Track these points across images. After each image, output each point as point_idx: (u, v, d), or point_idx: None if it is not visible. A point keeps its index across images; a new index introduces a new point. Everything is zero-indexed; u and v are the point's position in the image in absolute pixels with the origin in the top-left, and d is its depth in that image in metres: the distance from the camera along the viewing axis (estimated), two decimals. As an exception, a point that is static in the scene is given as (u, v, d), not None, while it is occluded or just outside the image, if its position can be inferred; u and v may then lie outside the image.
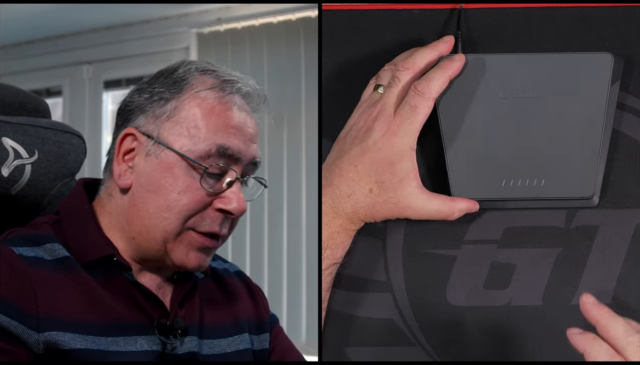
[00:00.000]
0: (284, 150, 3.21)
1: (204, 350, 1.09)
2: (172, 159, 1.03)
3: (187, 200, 1.03)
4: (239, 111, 1.06)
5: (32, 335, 0.95)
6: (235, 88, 1.06)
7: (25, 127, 1.17)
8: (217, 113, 1.04)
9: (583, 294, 0.96)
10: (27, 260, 0.99)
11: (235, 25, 3.36)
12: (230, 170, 1.05)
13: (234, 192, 1.05)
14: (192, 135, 1.03)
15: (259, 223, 3.26)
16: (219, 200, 1.04)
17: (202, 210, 1.04)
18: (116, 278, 1.04)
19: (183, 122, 1.04)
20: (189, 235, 1.04)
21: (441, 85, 1.07)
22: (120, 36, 3.73)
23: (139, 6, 3.38)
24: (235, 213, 1.05)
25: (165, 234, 1.03)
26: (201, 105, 1.04)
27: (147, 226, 1.04)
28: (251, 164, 1.08)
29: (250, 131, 1.07)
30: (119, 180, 1.05)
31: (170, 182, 1.03)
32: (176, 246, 1.04)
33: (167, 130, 1.04)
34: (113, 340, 1.00)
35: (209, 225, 1.04)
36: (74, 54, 3.93)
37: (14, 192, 1.15)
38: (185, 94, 1.05)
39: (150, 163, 1.04)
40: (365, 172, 1.06)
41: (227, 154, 1.04)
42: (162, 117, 1.05)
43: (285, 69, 3.22)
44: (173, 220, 1.03)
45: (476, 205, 1.09)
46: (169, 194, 1.03)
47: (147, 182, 1.04)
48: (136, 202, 1.04)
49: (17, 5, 3.37)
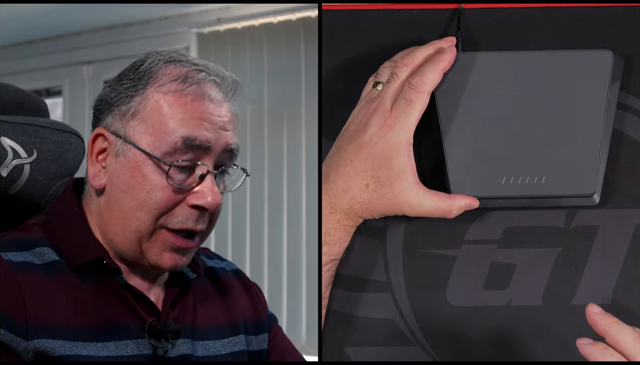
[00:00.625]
0: (284, 150, 3.21)
1: (197, 352, 1.08)
2: (139, 157, 1.01)
3: (157, 198, 1.00)
4: (204, 100, 1.02)
5: (20, 343, 0.95)
6: (199, 77, 1.03)
7: (24, 127, 1.17)
8: (181, 104, 1.01)
9: (589, 305, 0.96)
10: (16, 265, 0.99)
11: (235, 25, 3.36)
12: (201, 165, 1.02)
13: (206, 186, 1.02)
14: (157, 131, 1.01)
15: (259, 222, 3.26)
16: (191, 196, 1.02)
17: (174, 208, 1.02)
18: (107, 281, 1.03)
19: (148, 119, 1.02)
20: (161, 234, 1.02)
21: (435, 78, 1.07)
22: (120, 36, 3.72)
23: (139, 6, 3.38)
24: (209, 208, 1.02)
25: (139, 234, 1.02)
26: (164, 99, 1.02)
27: (122, 227, 1.02)
28: (226, 152, 1.04)
29: (221, 119, 1.03)
30: (93, 181, 1.04)
31: (140, 180, 1.01)
32: (150, 246, 1.02)
33: (132, 128, 1.02)
34: (103, 345, 0.99)
35: (181, 222, 1.02)
36: (74, 54, 3.93)
37: (13, 191, 1.14)
38: (149, 88, 1.03)
39: (120, 163, 1.03)
40: (361, 167, 1.06)
41: (195, 145, 1.01)
42: (127, 115, 1.03)
43: (285, 69, 3.22)
44: (145, 220, 1.01)
45: (475, 201, 1.09)
46: (139, 193, 1.01)
47: (119, 182, 1.02)
48: (111, 202, 1.03)
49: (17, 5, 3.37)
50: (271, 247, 3.23)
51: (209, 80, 1.04)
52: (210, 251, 1.25)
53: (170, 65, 1.04)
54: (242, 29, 3.35)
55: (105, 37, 3.79)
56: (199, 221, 1.03)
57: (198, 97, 1.02)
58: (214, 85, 1.04)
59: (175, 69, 1.04)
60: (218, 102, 1.04)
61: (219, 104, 1.04)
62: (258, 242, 3.26)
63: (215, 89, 1.04)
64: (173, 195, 1.01)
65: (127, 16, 3.61)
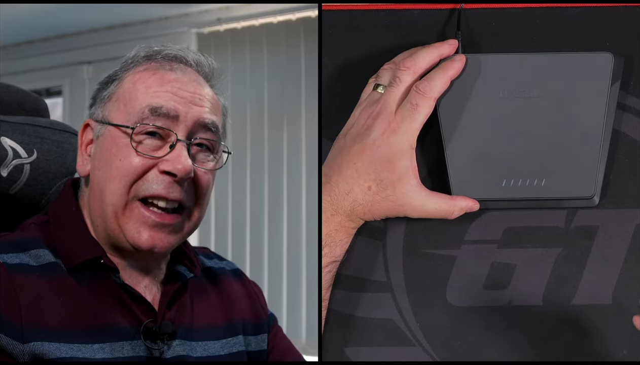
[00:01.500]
0: (284, 150, 3.21)
1: (195, 353, 1.08)
2: (114, 133, 1.04)
3: (127, 165, 1.02)
4: (174, 74, 1.06)
5: (16, 347, 0.95)
6: (170, 56, 1.08)
7: (24, 127, 1.17)
8: (150, 78, 1.05)
9: (636, 317, 0.96)
10: (12, 268, 0.99)
11: (235, 25, 3.36)
12: (171, 134, 1.03)
13: (176, 152, 1.02)
14: (128, 106, 1.04)
15: (259, 223, 3.26)
16: (161, 163, 1.02)
17: (145, 174, 1.02)
18: (103, 281, 1.03)
19: (121, 98, 1.05)
20: (135, 207, 1.02)
21: (442, 85, 1.08)
22: (120, 36, 3.72)
23: (139, 6, 3.38)
24: (178, 173, 1.02)
25: (113, 207, 1.02)
26: (136, 77, 1.06)
27: (101, 206, 1.03)
28: (200, 126, 1.05)
29: (192, 94, 1.05)
30: (80, 171, 1.07)
31: (114, 152, 1.03)
32: (126, 222, 1.02)
33: (108, 110, 1.06)
34: (100, 347, 0.99)
35: (153, 188, 1.02)
36: (74, 54, 3.93)
37: (13, 191, 1.14)
38: (126, 73, 1.07)
39: (99, 144, 1.06)
40: (364, 169, 1.06)
41: (162, 113, 1.03)
42: (105, 98, 1.07)
43: (285, 69, 3.22)
44: (117, 189, 1.02)
45: (476, 204, 1.09)
46: (112, 163, 1.03)
47: (98, 162, 1.05)
48: (92, 185, 1.05)
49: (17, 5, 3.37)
50: (271, 247, 3.23)
51: (181, 60, 1.08)
52: (210, 251, 1.25)
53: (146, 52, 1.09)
54: (242, 29, 3.35)
55: (105, 37, 3.79)
56: (172, 189, 1.03)
57: (168, 72, 1.06)
58: (186, 66, 1.08)
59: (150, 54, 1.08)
60: (192, 80, 1.07)
61: (193, 81, 1.07)
62: (258, 242, 3.26)
63: (187, 67, 1.08)
64: (144, 161, 1.02)
65: (127, 16, 3.61)
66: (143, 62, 1.07)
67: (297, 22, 3.21)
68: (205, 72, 1.10)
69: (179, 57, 1.08)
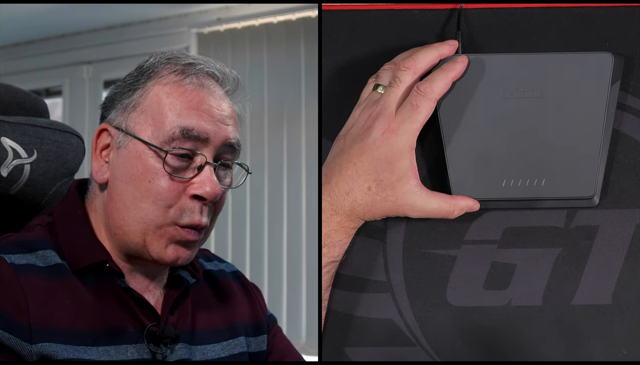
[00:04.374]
0: (284, 150, 3.21)
1: (196, 357, 1.08)
2: (139, 147, 1.02)
3: (159, 188, 1.01)
4: (203, 92, 1.04)
5: (25, 347, 0.95)
6: (196, 69, 1.05)
7: (24, 127, 1.17)
8: (179, 95, 1.03)
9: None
10: (19, 268, 0.98)
11: (235, 25, 3.36)
12: (199, 156, 1.03)
13: (205, 176, 1.02)
14: (156, 121, 1.02)
15: (259, 223, 3.26)
16: (191, 187, 1.02)
17: (178, 200, 1.02)
18: (109, 284, 1.03)
19: (147, 110, 1.03)
20: (172, 229, 1.02)
21: (444, 86, 1.08)
22: (120, 36, 3.73)
23: (139, 6, 3.38)
24: (208, 197, 1.02)
25: (144, 225, 1.02)
26: (164, 90, 1.03)
27: (124, 219, 1.03)
28: (226, 146, 1.05)
29: (220, 112, 1.04)
30: (96, 176, 1.05)
31: (141, 170, 1.02)
32: (155, 239, 1.02)
33: (133, 120, 1.04)
34: (104, 350, 0.99)
35: (189, 217, 1.02)
36: (74, 54, 3.93)
37: (13, 192, 1.14)
38: (150, 82, 1.04)
39: (121, 155, 1.04)
40: (364, 170, 1.06)
41: (193, 136, 1.02)
42: (129, 107, 1.04)
43: (285, 69, 3.22)
44: (151, 210, 1.01)
45: (476, 204, 1.09)
46: (141, 183, 1.02)
47: (121, 174, 1.03)
48: (113, 195, 1.04)
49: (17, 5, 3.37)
50: (271, 247, 3.23)
51: (208, 73, 1.06)
52: (210, 252, 1.25)
53: (171, 61, 1.06)
54: (242, 29, 3.35)
55: (105, 37, 3.79)
56: (204, 214, 1.03)
57: (197, 88, 1.04)
58: (213, 79, 1.06)
59: (175, 64, 1.05)
60: (217, 96, 1.05)
61: (218, 97, 1.05)
62: (258, 243, 3.26)
63: (215, 83, 1.06)
64: (173, 185, 1.02)
65: (127, 16, 3.61)
66: (168, 74, 1.04)
67: (297, 22, 3.21)
68: (228, 86, 1.08)
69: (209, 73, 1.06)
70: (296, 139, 3.19)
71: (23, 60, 4.05)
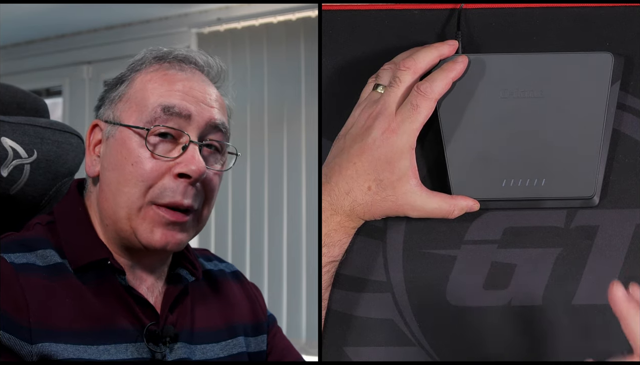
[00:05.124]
0: (284, 150, 3.21)
1: (196, 356, 1.08)
2: (125, 133, 1.04)
3: (141, 170, 1.02)
4: (186, 76, 1.07)
5: (24, 347, 0.95)
6: (179, 57, 1.08)
7: (24, 127, 1.17)
8: (161, 78, 1.06)
9: (614, 283, 0.96)
10: (19, 267, 0.99)
11: (235, 25, 3.36)
12: (184, 135, 1.03)
13: (189, 154, 1.03)
14: (140, 105, 1.04)
15: (259, 223, 3.26)
16: (175, 166, 1.03)
17: (161, 179, 1.02)
18: (109, 283, 1.03)
19: (132, 98, 1.05)
20: (150, 210, 1.02)
21: (444, 86, 1.08)
22: (120, 36, 3.73)
23: (139, 6, 3.38)
24: (192, 174, 1.02)
25: (128, 209, 1.02)
26: (147, 78, 1.06)
27: (112, 207, 1.03)
28: (211, 126, 1.06)
29: (203, 94, 1.06)
30: (88, 171, 1.07)
31: (125, 154, 1.03)
32: (139, 223, 1.03)
33: (119, 110, 1.06)
34: (104, 349, 1.00)
35: (170, 196, 1.02)
36: (74, 54, 3.93)
37: (13, 192, 1.14)
38: (136, 74, 1.07)
39: (109, 145, 1.05)
40: (364, 170, 1.06)
41: (175, 113, 1.03)
42: (115, 99, 1.07)
43: (285, 69, 3.22)
44: (132, 193, 1.02)
45: (476, 204, 1.10)
46: (125, 167, 1.02)
47: (108, 163, 1.05)
48: (103, 186, 1.05)
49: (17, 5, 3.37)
50: (271, 247, 3.23)
51: (190, 61, 1.09)
52: (210, 252, 1.25)
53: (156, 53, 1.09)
54: (242, 29, 3.35)
55: (105, 37, 3.79)
56: (187, 194, 1.03)
57: (179, 72, 1.07)
58: (196, 67, 1.09)
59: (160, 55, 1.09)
60: (200, 80, 1.08)
61: (201, 81, 1.08)
62: (258, 243, 3.26)
63: (198, 70, 1.09)
64: (158, 165, 1.02)
65: (127, 16, 3.61)
66: (153, 63, 1.08)
67: (297, 22, 3.21)
68: (213, 74, 1.11)
69: (189, 58, 1.09)
70: (296, 139, 3.19)
71: (23, 60, 4.05)
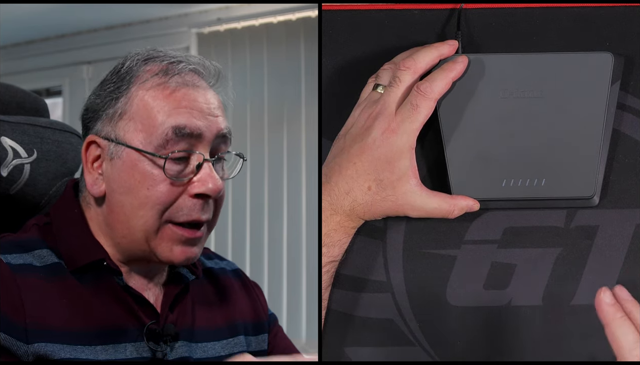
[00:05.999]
0: (284, 150, 3.22)
1: (196, 354, 1.08)
2: (134, 156, 1.02)
3: (158, 193, 1.01)
4: (188, 88, 1.03)
5: (21, 347, 0.95)
6: (179, 68, 1.04)
7: (24, 127, 1.17)
8: (165, 96, 1.02)
9: (601, 290, 0.96)
10: (15, 268, 0.98)
11: (235, 25, 3.36)
12: (196, 154, 1.02)
13: (205, 173, 1.02)
14: (147, 126, 1.01)
15: (259, 222, 3.26)
16: (192, 186, 1.02)
17: (177, 200, 1.02)
18: (106, 283, 1.03)
19: (136, 116, 1.02)
20: (168, 229, 1.02)
21: (444, 86, 1.08)
22: (120, 36, 3.73)
23: (139, 6, 3.38)
24: (211, 194, 1.02)
25: (145, 232, 1.02)
26: (148, 94, 1.02)
27: (128, 229, 1.02)
28: (219, 138, 1.05)
29: (208, 106, 1.04)
30: (92, 190, 1.04)
31: (139, 179, 1.01)
32: (158, 243, 1.02)
33: (122, 129, 1.03)
34: (103, 349, 0.99)
35: (186, 214, 1.02)
36: (74, 54, 3.93)
37: (13, 191, 1.14)
38: (132, 87, 1.03)
39: (115, 166, 1.03)
40: (364, 169, 1.06)
41: (186, 134, 1.01)
42: (115, 117, 1.03)
43: (285, 69, 3.23)
44: (149, 217, 1.01)
45: (476, 203, 1.09)
46: (139, 191, 1.01)
47: (118, 186, 1.02)
48: (113, 207, 1.03)
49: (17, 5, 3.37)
50: (271, 247, 3.23)
51: (190, 69, 1.05)
52: (210, 251, 1.25)
53: (149, 62, 1.05)
54: (242, 29, 3.35)
55: (105, 37, 3.80)
56: (204, 211, 1.03)
57: (181, 86, 1.03)
58: (195, 74, 1.05)
59: (154, 65, 1.05)
60: (203, 89, 1.05)
61: (203, 90, 1.05)
62: (258, 242, 3.26)
63: (197, 77, 1.06)
64: (173, 188, 1.01)
65: (127, 16, 3.61)
66: (150, 77, 1.03)
67: (297, 22, 3.21)
68: (210, 77, 1.08)
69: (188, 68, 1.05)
70: (296, 139, 3.19)
71: (23, 60, 4.05)
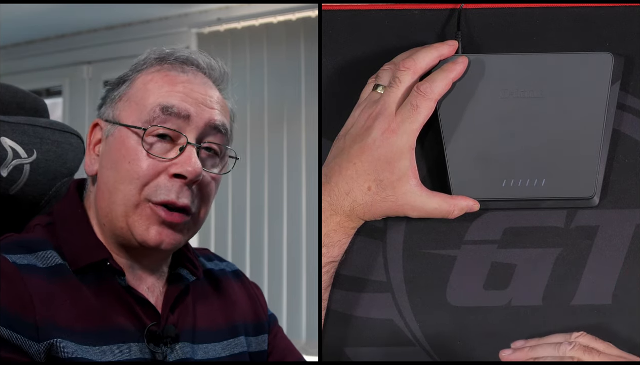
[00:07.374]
0: (284, 150, 3.21)
1: (197, 356, 1.08)
2: (124, 132, 1.04)
3: (137, 168, 1.02)
4: (187, 75, 1.07)
5: (32, 346, 0.95)
6: (182, 58, 1.08)
7: (24, 127, 1.17)
8: (162, 78, 1.06)
9: (501, 352, 1.05)
10: (21, 268, 0.99)
11: (235, 25, 3.36)
12: (181, 136, 1.04)
13: (186, 155, 1.03)
14: (140, 106, 1.05)
15: (259, 222, 3.26)
16: (172, 167, 1.03)
17: (156, 178, 1.03)
18: (109, 283, 1.03)
19: (132, 98, 1.06)
20: (147, 207, 1.03)
21: (444, 87, 1.08)
22: (120, 36, 3.73)
23: (139, 6, 3.38)
24: (188, 175, 1.03)
25: (124, 206, 1.03)
26: (148, 78, 1.06)
27: (109, 205, 1.04)
28: (211, 128, 1.06)
29: (203, 96, 1.06)
30: (87, 169, 1.08)
31: (123, 153, 1.03)
32: (136, 220, 1.03)
33: (119, 109, 1.06)
34: (106, 349, 1.00)
35: (164, 194, 1.03)
36: (74, 54, 3.93)
37: (13, 192, 1.14)
38: (137, 74, 1.08)
39: (108, 144, 1.06)
40: (364, 170, 1.06)
41: (173, 113, 1.03)
42: (116, 99, 1.07)
43: (285, 69, 3.22)
44: (127, 190, 1.02)
45: (476, 204, 1.09)
46: (122, 165, 1.03)
47: (106, 162, 1.05)
48: (100, 184, 1.05)
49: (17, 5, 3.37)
50: (271, 247, 3.23)
51: (192, 62, 1.09)
52: (210, 252, 1.25)
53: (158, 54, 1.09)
54: (242, 29, 3.35)
55: (105, 37, 3.79)
56: (182, 194, 1.04)
57: (181, 74, 1.07)
58: (198, 70, 1.09)
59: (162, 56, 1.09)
60: (201, 82, 1.08)
61: (202, 83, 1.08)
62: (258, 243, 3.26)
63: (199, 72, 1.09)
64: (154, 164, 1.03)
65: (127, 16, 3.61)
66: (155, 64, 1.08)
67: (297, 22, 3.21)
68: (215, 76, 1.10)
69: (191, 60, 1.09)
70: (296, 139, 3.19)
71: (23, 60, 4.05)
